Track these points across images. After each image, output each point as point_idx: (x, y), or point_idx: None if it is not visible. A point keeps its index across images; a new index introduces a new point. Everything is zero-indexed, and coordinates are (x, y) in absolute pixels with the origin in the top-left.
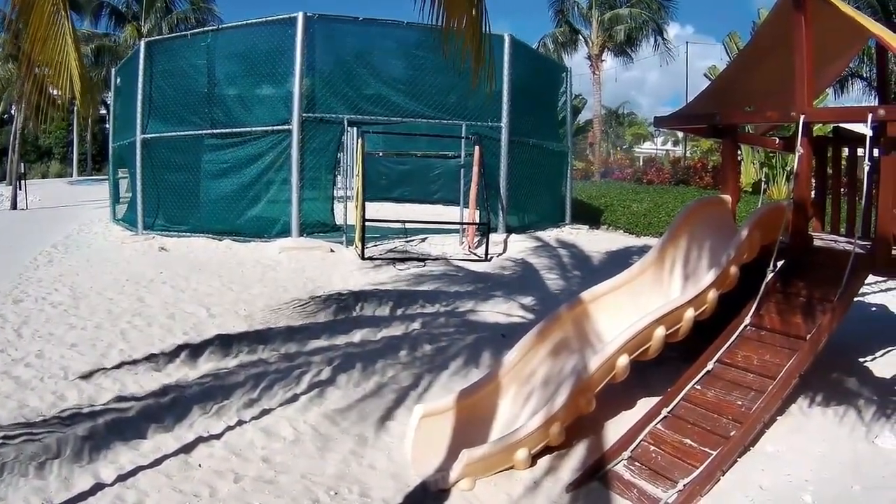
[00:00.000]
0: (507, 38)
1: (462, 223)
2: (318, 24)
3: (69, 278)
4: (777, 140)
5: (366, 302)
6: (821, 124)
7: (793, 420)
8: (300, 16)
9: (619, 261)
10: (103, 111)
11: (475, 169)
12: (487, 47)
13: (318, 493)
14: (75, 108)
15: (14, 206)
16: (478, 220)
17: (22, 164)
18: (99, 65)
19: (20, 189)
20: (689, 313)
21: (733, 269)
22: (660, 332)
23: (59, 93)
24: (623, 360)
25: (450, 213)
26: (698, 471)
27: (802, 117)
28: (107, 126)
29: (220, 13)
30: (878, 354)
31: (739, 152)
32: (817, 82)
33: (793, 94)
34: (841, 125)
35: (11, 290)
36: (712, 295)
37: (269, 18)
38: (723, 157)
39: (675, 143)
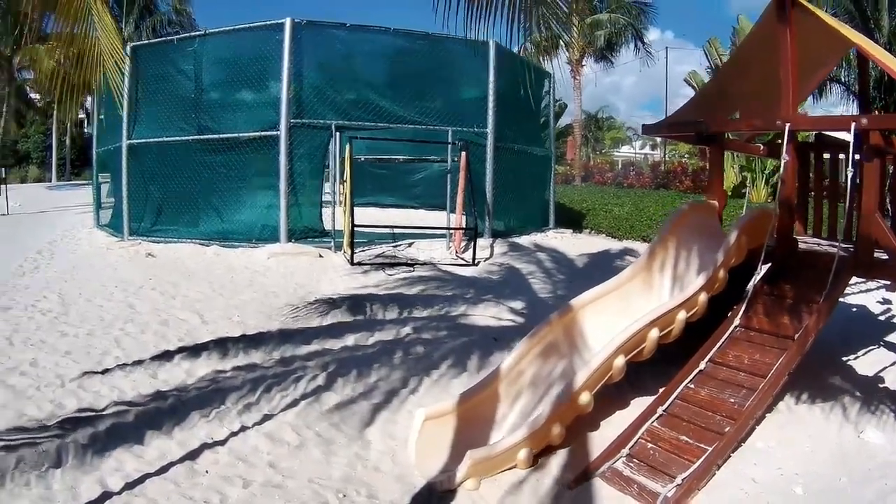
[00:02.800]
0: (492, 45)
1: (450, 228)
2: (306, 31)
3: (57, 285)
4: (761, 147)
5: (357, 307)
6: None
7: (781, 417)
8: (288, 22)
9: (601, 264)
10: (82, 115)
11: (462, 174)
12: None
13: (328, 497)
14: (54, 113)
15: None
16: (465, 225)
17: (2, 169)
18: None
19: (0, 194)
20: (682, 315)
21: (722, 273)
22: (654, 333)
23: (39, 97)
24: (620, 361)
25: (432, 217)
26: (695, 466)
27: (788, 125)
28: (86, 130)
29: (195, 18)
30: (860, 353)
31: None
32: (801, 90)
33: (778, 103)
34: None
35: None
36: (703, 297)
37: (257, 24)
38: (710, 163)
39: (653, 147)
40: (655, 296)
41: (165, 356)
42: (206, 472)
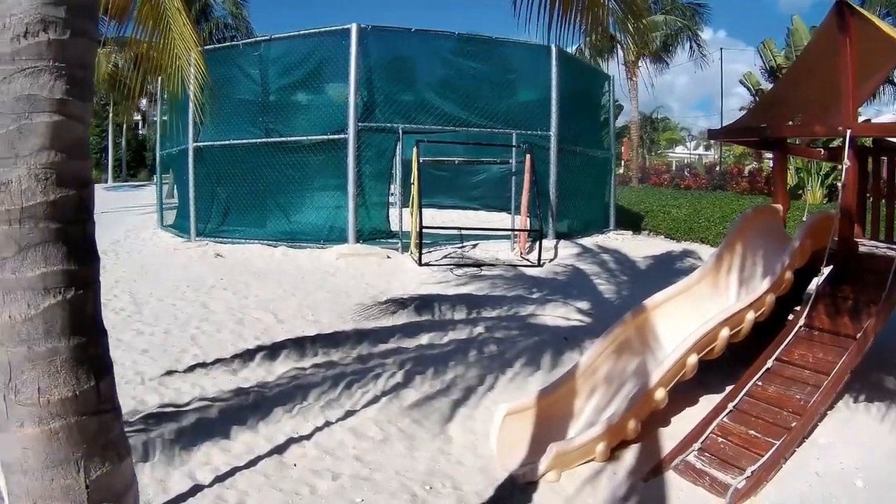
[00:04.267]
0: (553, 50)
1: (516, 230)
2: (371, 35)
3: (126, 285)
4: (822, 151)
5: (428, 306)
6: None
7: (840, 415)
8: (354, 27)
9: (663, 265)
10: (137, 117)
11: (527, 177)
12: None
13: (415, 488)
14: (110, 115)
15: None
16: (529, 227)
17: None
18: (137, 72)
19: None
20: (751, 315)
21: (788, 275)
22: (724, 332)
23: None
24: (693, 359)
25: (492, 218)
26: (764, 459)
27: (849, 132)
28: (140, 132)
29: (251, 23)
30: None
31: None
32: (860, 95)
33: (838, 109)
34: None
35: None
36: (770, 298)
37: (323, 29)
38: (773, 169)
39: (707, 148)
40: (723, 297)
41: (244, 354)
42: (295, 465)
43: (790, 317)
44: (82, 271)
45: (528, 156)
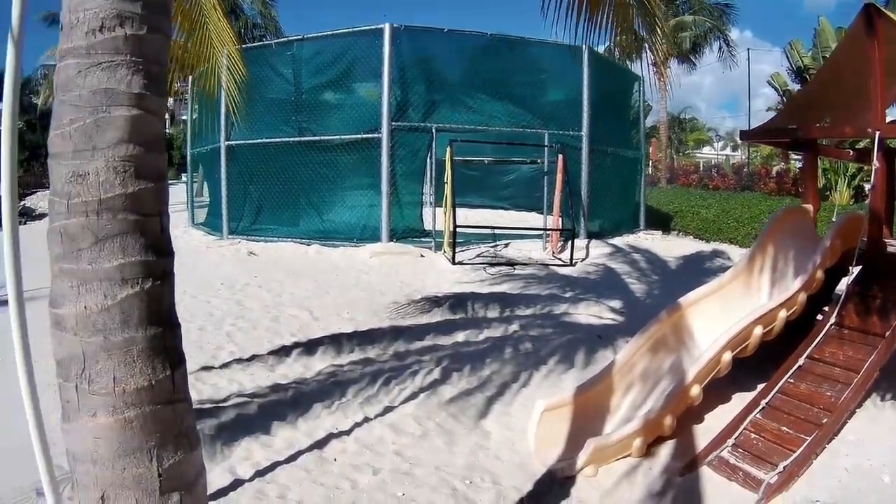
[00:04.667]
0: (585, 50)
1: (549, 229)
2: (404, 35)
3: None
4: (851, 152)
5: (463, 304)
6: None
7: (869, 412)
8: (387, 27)
9: (693, 265)
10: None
11: (559, 177)
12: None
13: (454, 483)
14: None
15: None
16: (562, 227)
17: None
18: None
19: None
20: (783, 314)
21: (819, 274)
22: (758, 331)
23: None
24: (727, 356)
25: (521, 218)
26: (796, 454)
27: (878, 133)
28: (167, 131)
29: (279, 22)
30: None
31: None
32: (888, 97)
33: (867, 111)
34: None
35: None
36: (802, 297)
37: (355, 29)
38: (803, 169)
39: (734, 149)
40: (755, 296)
41: (281, 351)
42: (335, 460)
43: (819, 316)
44: (160, 263)
45: (560, 156)
